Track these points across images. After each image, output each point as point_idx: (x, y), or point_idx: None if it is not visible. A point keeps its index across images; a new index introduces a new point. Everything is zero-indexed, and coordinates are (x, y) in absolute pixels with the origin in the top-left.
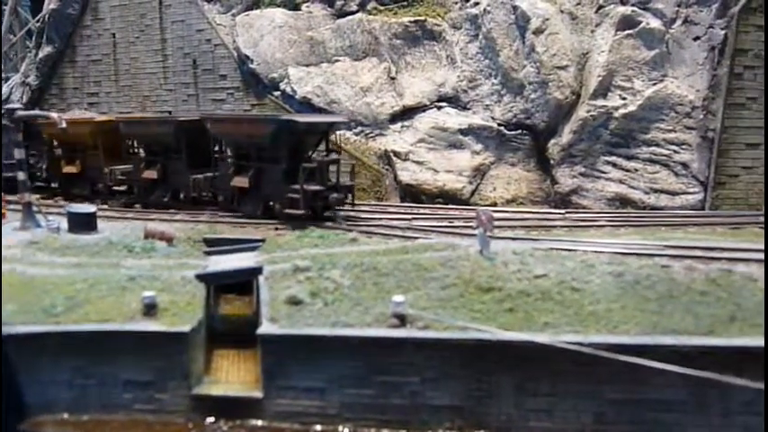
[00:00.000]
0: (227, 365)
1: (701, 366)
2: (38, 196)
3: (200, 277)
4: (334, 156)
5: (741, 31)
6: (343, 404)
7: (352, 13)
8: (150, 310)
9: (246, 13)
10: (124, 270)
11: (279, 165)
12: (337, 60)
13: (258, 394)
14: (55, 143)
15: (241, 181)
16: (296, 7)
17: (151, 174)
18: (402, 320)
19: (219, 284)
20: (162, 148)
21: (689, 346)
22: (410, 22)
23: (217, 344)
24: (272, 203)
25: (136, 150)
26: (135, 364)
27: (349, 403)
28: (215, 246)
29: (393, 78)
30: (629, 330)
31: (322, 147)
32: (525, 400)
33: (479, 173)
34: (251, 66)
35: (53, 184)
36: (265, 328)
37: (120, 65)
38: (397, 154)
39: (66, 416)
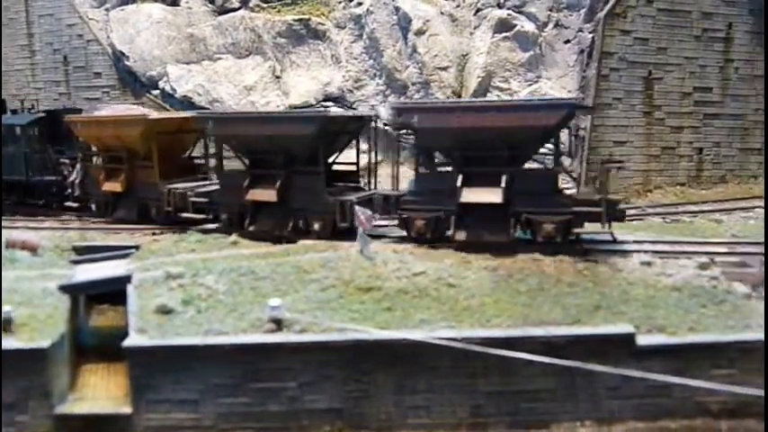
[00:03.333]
0: (95, 381)
1: (569, 355)
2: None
3: (63, 288)
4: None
5: (607, 35)
6: (218, 414)
7: (234, 10)
8: (6, 325)
9: (121, 7)
10: None
11: (542, 168)
12: (219, 58)
13: (127, 410)
14: (93, 149)
15: (485, 194)
16: (174, 3)
17: (267, 194)
18: (279, 325)
19: (91, 295)
20: (286, 158)
21: (557, 336)
22: (294, 20)
23: (86, 358)
24: (534, 221)
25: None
26: None
27: (225, 413)
28: (85, 254)
29: (278, 77)
30: (501, 323)
31: None
32: (404, 397)
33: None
34: (127, 63)
35: (90, 205)
36: (132, 339)
37: None
38: None
39: None
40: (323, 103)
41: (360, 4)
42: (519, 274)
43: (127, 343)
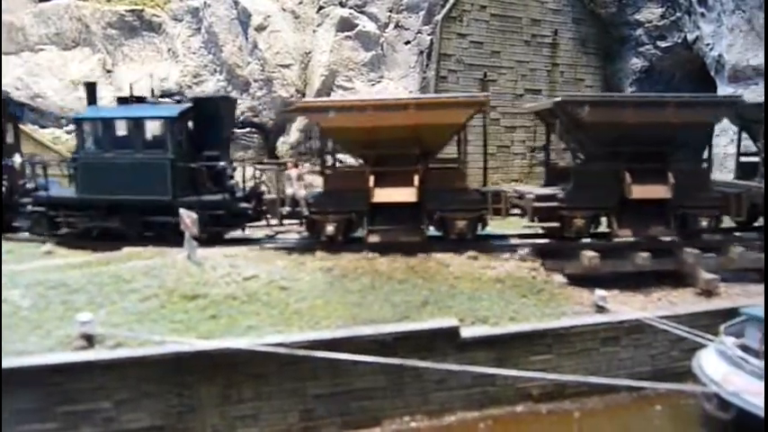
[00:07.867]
0: None
1: (397, 352)
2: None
3: None
4: None
5: (444, 37)
6: None
7: None
8: None
9: None
10: None
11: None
12: (41, 49)
13: None
14: (331, 143)
15: None
16: None
17: (653, 190)
18: (90, 341)
19: None
20: (674, 148)
21: (384, 333)
22: (126, 11)
23: None
24: None
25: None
26: None
27: None
28: None
29: (109, 71)
30: (331, 325)
31: None
32: (230, 408)
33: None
34: None
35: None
36: None
37: None
38: None
39: None
40: (160, 100)
41: None
42: (353, 274)
43: None
